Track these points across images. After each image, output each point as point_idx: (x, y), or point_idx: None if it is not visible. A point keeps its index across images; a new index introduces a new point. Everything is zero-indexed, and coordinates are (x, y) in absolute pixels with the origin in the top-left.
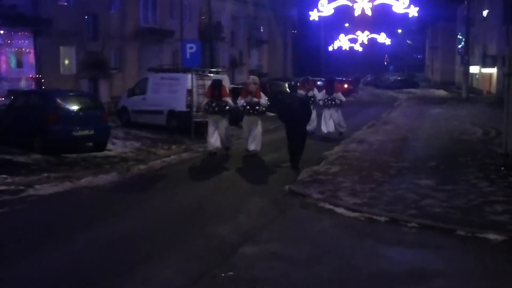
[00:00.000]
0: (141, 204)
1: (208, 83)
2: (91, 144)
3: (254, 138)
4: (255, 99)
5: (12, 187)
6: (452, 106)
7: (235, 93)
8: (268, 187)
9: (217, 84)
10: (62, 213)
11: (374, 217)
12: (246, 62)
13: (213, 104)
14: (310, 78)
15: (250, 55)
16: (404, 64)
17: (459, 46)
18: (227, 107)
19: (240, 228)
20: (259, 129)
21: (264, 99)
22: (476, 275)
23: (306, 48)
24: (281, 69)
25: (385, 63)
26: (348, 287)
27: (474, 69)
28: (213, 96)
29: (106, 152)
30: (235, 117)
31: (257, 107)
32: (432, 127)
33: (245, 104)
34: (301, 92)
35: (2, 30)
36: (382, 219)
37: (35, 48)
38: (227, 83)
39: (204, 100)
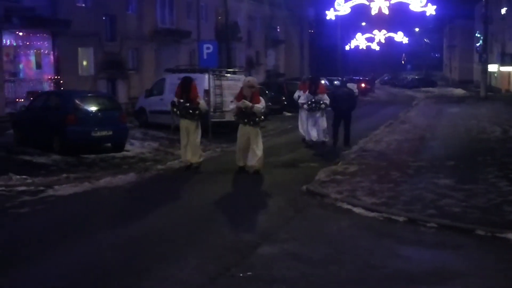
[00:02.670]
0: (159, 204)
1: (225, 83)
2: (109, 144)
3: (254, 154)
4: (249, 105)
5: (32, 187)
6: (470, 105)
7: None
8: (286, 186)
9: (186, 82)
10: (81, 213)
11: (393, 217)
12: (263, 62)
13: (180, 107)
14: (309, 77)
15: (267, 55)
16: (422, 63)
17: (477, 45)
18: (197, 111)
19: (258, 228)
20: (259, 141)
21: (261, 106)
22: (496, 275)
23: (323, 48)
24: (298, 69)
25: (403, 62)
26: (367, 286)
27: (492, 67)
28: (181, 97)
29: (124, 153)
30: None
31: (253, 116)
32: (450, 126)
33: (236, 111)
34: (301, 92)
35: (21, 32)
36: (401, 219)
37: (53, 50)
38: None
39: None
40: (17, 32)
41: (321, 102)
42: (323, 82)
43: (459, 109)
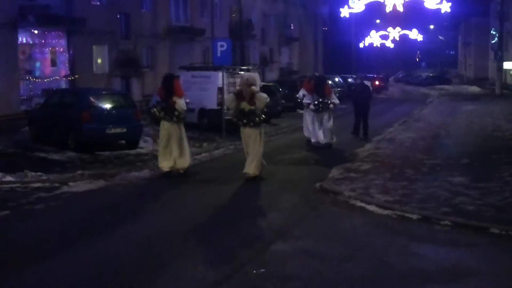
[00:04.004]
0: (173, 201)
1: (239, 81)
2: (123, 142)
3: (253, 159)
4: (248, 106)
5: (47, 184)
6: (486, 103)
7: (266, 92)
8: (299, 184)
9: (167, 80)
10: (95, 210)
11: (406, 215)
12: (277, 59)
13: (159, 108)
14: (317, 75)
15: (281, 52)
16: (436, 60)
17: (493, 42)
18: (176, 112)
19: (272, 225)
20: (257, 145)
21: (262, 103)
22: (510, 274)
23: (337, 45)
24: (312, 66)
25: (417, 59)
26: (380, 284)
27: (508, 65)
28: (163, 96)
29: (138, 150)
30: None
31: (252, 117)
32: (465, 124)
33: (236, 112)
34: (305, 90)
35: (36, 30)
36: (414, 217)
37: (68, 47)
38: (258, 81)
39: (154, 100)
40: (33, 30)
41: (329, 102)
42: (333, 81)
43: (474, 107)
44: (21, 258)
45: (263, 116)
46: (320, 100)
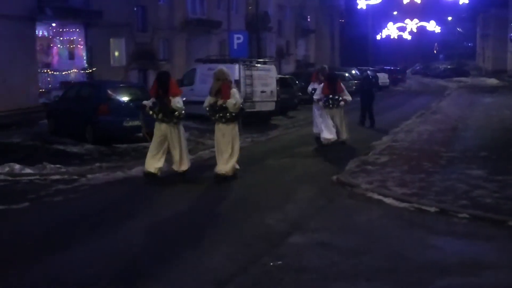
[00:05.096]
0: (190, 193)
1: (256, 73)
2: (141, 134)
3: (229, 158)
4: (220, 101)
5: (66, 176)
6: (504, 95)
7: (283, 85)
8: (316, 176)
9: (162, 78)
10: (113, 201)
11: (424, 207)
12: (293, 52)
13: (157, 109)
14: (326, 67)
15: (297, 45)
16: (454, 52)
17: (511, 34)
18: (176, 112)
19: (288, 217)
20: (232, 143)
21: (234, 100)
22: None
23: (354, 37)
24: (328, 58)
25: (435, 51)
26: (397, 277)
27: None
28: (158, 94)
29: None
30: None
31: (224, 113)
32: (483, 117)
33: (208, 108)
34: (315, 84)
35: (54, 23)
36: (432, 209)
37: (86, 40)
38: (274, 74)
39: (150, 101)
40: (51, 23)
41: (340, 98)
42: (349, 73)
43: (492, 99)
44: (41, 249)
45: (233, 113)
46: (331, 96)
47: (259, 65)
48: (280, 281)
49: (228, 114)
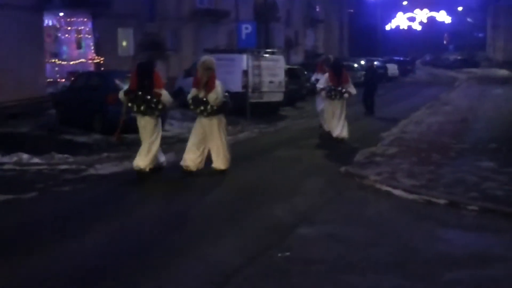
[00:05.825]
0: (198, 183)
1: (264, 64)
2: None
3: (218, 153)
4: (203, 93)
5: (74, 166)
6: None
7: (291, 75)
8: (324, 168)
9: (145, 68)
10: (121, 191)
11: (433, 199)
12: (302, 42)
13: (138, 100)
14: (331, 57)
15: (306, 35)
16: (465, 43)
17: None
18: (160, 105)
19: (296, 209)
20: (216, 137)
21: (217, 93)
22: None
23: (363, 28)
24: (337, 49)
25: (445, 42)
26: (406, 269)
27: None
28: (140, 86)
29: (163, 133)
30: None
31: (206, 106)
32: (493, 108)
33: (190, 101)
34: (319, 74)
35: (61, 12)
36: (441, 201)
37: (94, 30)
38: (282, 64)
39: (124, 90)
40: (58, 13)
41: (343, 90)
42: (358, 64)
43: (503, 91)
44: (49, 238)
45: (215, 107)
46: (334, 87)
47: (267, 55)
48: (288, 273)
49: (209, 108)
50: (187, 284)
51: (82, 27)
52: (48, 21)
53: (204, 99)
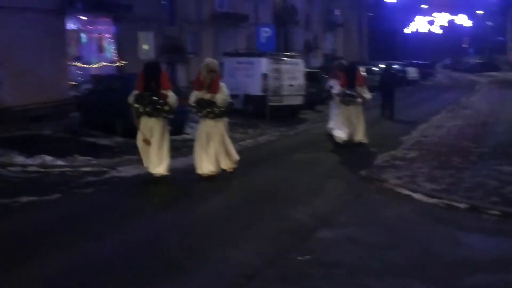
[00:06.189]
0: (218, 186)
1: (283, 67)
2: (169, 127)
3: (222, 157)
4: (208, 95)
5: (96, 168)
6: None
7: (311, 79)
8: (344, 171)
9: (152, 70)
10: (143, 194)
11: (454, 203)
12: (321, 46)
13: (145, 101)
14: (344, 62)
15: (325, 38)
16: (485, 46)
17: None
18: (167, 107)
19: (316, 212)
20: (223, 140)
21: (223, 95)
22: None
23: (382, 31)
24: (356, 52)
25: (465, 45)
26: (426, 273)
27: None
28: (147, 88)
29: (184, 136)
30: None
31: (212, 108)
32: None
33: (194, 103)
34: (333, 80)
35: (83, 16)
36: (462, 205)
37: (115, 34)
38: (302, 68)
39: (133, 93)
40: (80, 17)
41: (355, 96)
42: (377, 67)
43: None
44: (72, 239)
45: (222, 109)
46: (348, 92)
47: (286, 58)
48: (308, 276)
49: (216, 109)
50: (207, 286)
51: (104, 31)
52: (70, 25)
53: (212, 99)
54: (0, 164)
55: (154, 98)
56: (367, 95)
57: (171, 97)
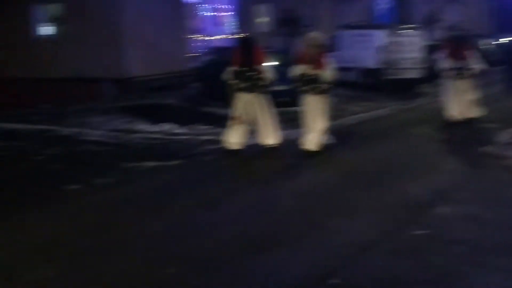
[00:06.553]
0: (332, 157)
1: (401, 40)
2: (286, 99)
3: (316, 132)
4: (312, 71)
5: (215, 137)
6: None
7: (431, 52)
8: (462, 147)
9: (247, 44)
10: (258, 162)
11: None
12: (443, 17)
13: (242, 77)
14: (456, 33)
15: (446, 10)
16: None
17: None
18: (262, 82)
19: (433, 187)
20: (323, 116)
21: (327, 71)
22: None
23: (507, 1)
24: (479, 24)
25: None
26: None
27: None
28: (243, 63)
29: (297, 108)
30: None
31: (315, 84)
32: None
33: (297, 77)
34: (440, 54)
35: None
36: None
37: (232, 6)
38: (421, 40)
39: (229, 69)
40: None
41: (469, 68)
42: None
43: None
44: (191, 204)
45: (326, 85)
46: (456, 66)
47: (405, 31)
48: (426, 251)
49: (319, 85)
50: (321, 255)
51: (222, 3)
52: None
53: (316, 75)
54: (127, 130)
55: (251, 73)
56: (479, 65)
57: (267, 71)
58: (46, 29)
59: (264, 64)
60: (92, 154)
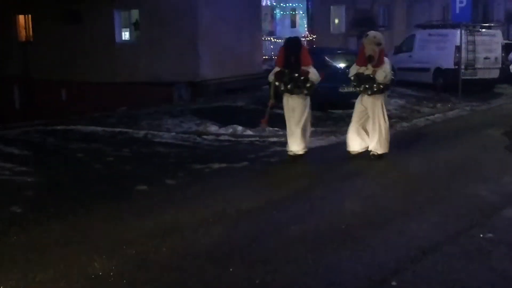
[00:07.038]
0: (399, 159)
1: (479, 39)
2: (354, 100)
3: (378, 136)
4: (368, 71)
5: (283, 139)
6: None
7: (508, 51)
8: None
9: (292, 45)
10: (326, 165)
11: None
12: None
13: (285, 78)
14: None
15: None
16: None
17: None
18: (308, 83)
19: (503, 190)
20: (378, 119)
21: (385, 70)
22: None
23: None
24: None
25: None
26: None
27: None
28: (287, 64)
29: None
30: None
31: (371, 84)
32: None
33: (353, 77)
34: None
35: None
36: None
37: (307, 9)
38: (499, 40)
39: (273, 70)
40: None
41: None
42: None
43: None
44: (257, 205)
45: (381, 85)
46: None
47: (483, 30)
48: (489, 254)
49: (375, 86)
50: (384, 256)
51: (297, 6)
52: (265, 0)
53: (372, 75)
54: (197, 132)
55: (295, 75)
56: None
57: (313, 73)
58: (126, 35)
59: (309, 65)
60: (162, 155)
